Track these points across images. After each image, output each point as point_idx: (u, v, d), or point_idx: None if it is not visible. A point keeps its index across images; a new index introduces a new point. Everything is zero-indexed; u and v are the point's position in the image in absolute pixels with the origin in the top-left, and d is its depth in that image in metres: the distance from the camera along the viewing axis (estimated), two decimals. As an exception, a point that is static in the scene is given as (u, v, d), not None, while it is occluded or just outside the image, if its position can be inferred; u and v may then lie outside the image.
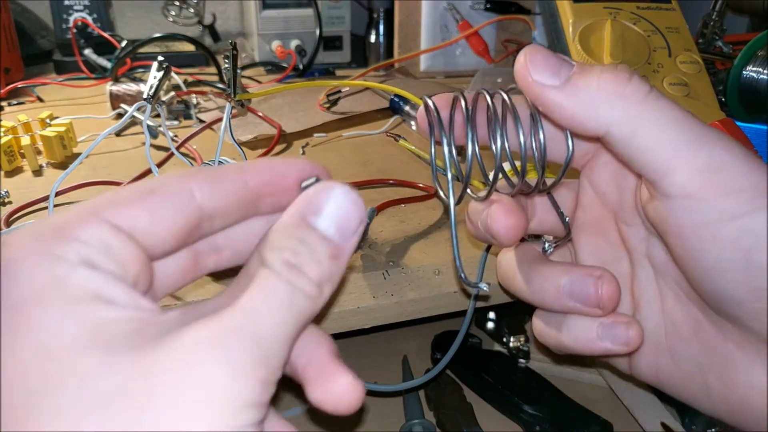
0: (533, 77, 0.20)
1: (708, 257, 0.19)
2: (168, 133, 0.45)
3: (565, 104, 0.20)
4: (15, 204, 0.41)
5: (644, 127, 0.19)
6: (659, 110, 0.19)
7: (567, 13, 0.46)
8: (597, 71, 0.20)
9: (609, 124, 0.19)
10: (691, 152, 0.18)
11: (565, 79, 0.20)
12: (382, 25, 0.91)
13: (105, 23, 0.83)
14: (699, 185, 0.18)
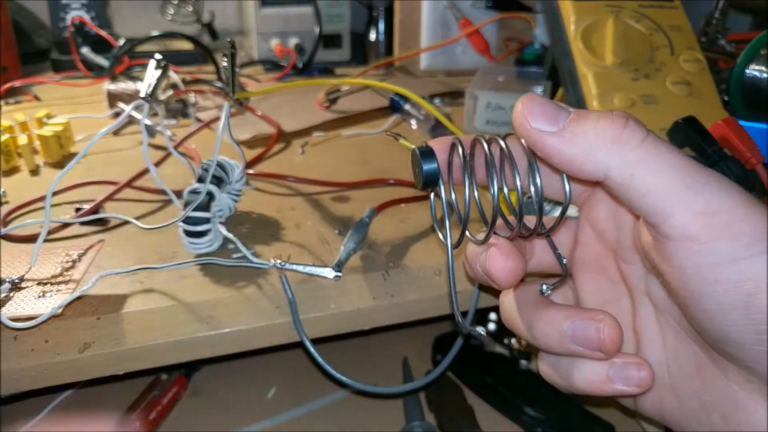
0: (531, 125, 0.20)
1: (709, 300, 0.19)
2: (166, 132, 0.44)
3: (563, 149, 0.20)
4: (12, 203, 0.41)
5: (642, 171, 0.19)
6: (657, 155, 0.19)
7: (568, 11, 0.45)
8: (594, 117, 0.20)
9: (607, 169, 0.19)
10: (690, 196, 0.18)
11: (562, 125, 0.20)
12: (382, 23, 0.91)
13: (103, 21, 0.83)
14: (699, 228, 0.18)
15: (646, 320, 0.24)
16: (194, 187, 0.34)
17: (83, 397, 0.47)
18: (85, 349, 0.28)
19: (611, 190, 0.20)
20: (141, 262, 0.33)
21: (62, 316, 0.29)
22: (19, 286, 0.31)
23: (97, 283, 0.31)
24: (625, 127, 0.19)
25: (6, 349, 0.28)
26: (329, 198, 0.43)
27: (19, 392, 0.28)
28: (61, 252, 0.34)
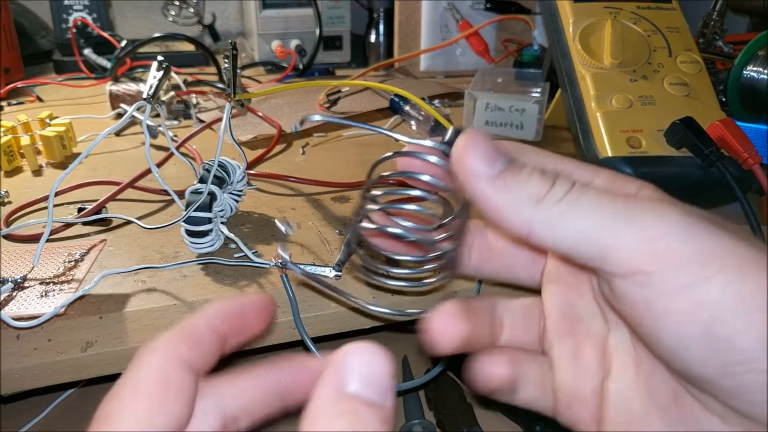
0: (469, 163, 0.20)
1: (666, 335, 0.18)
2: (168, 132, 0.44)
3: (492, 198, 0.20)
4: (15, 204, 0.41)
5: (564, 222, 0.18)
6: (578, 201, 0.18)
7: (567, 12, 0.46)
8: (526, 173, 0.20)
9: (530, 225, 0.19)
10: (622, 227, 0.18)
11: (497, 172, 0.20)
12: (382, 24, 0.91)
13: (105, 23, 0.83)
14: (640, 259, 0.17)
15: (619, 345, 0.22)
16: (196, 187, 0.34)
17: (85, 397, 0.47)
18: (87, 348, 0.29)
19: (541, 247, 0.20)
20: (143, 262, 0.34)
21: (65, 315, 0.29)
22: (21, 285, 0.31)
23: (100, 282, 0.31)
24: (552, 186, 0.19)
25: (8, 348, 0.28)
26: (330, 198, 0.43)
27: (21, 391, 0.29)
28: (63, 252, 0.35)
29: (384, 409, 0.17)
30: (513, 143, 0.23)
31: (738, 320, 0.16)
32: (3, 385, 0.28)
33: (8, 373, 0.28)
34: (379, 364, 0.17)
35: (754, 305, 0.16)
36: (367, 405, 0.16)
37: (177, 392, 0.18)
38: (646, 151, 0.39)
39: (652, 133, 0.40)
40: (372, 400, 0.17)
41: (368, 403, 0.17)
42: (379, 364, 0.17)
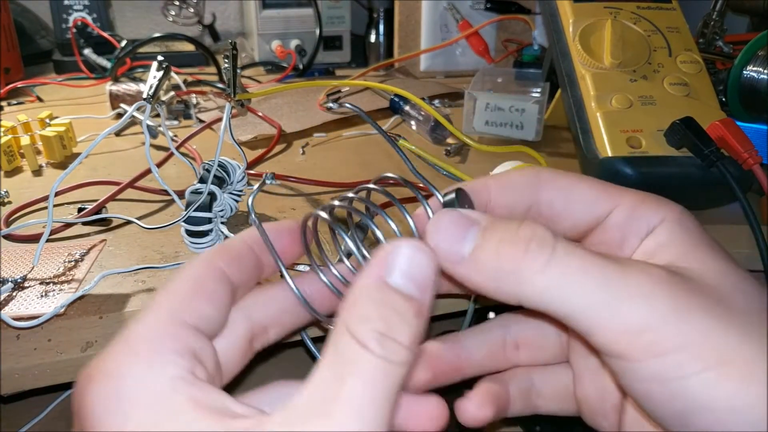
0: (441, 249, 0.19)
1: (648, 408, 0.18)
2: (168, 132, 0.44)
3: (472, 279, 0.19)
4: (15, 204, 0.41)
5: (552, 297, 0.18)
6: (565, 274, 0.17)
7: (567, 12, 0.46)
8: (495, 243, 0.18)
9: (517, 299, 0.19)
10: (610, 313, 0.17)
11: (469, 249, 0.19)
12: (382, 24, 0.91)
13: (105, 23, 0.83)
14: (624, 348, 0.17)
15: None
16: (196, 187, 0.34)
17: (85, 397, 0.47)
18: (87, 348, 0.29)
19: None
20: (143, 262, 0.34)
21: (65, 315, 0.29)
22: (21, 285, 0.31)
23: (100, 282, 0.31)
24: (526, 252, 0.18)
25: (8, 348, 0.28)
26: (330, 198, 0.43)
27: (20, 391, 0.29)
28: (63, 252, 0.35)
29: (420, 304, 0.17)
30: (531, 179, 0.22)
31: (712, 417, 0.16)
32: (3, 385, 0.28)
33: (8, 373, 0.28)
34: (423, 261, 0.18)
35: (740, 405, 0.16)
36: (403, 297, 0.17)
37: (209, 295, 0.19)
38: (646, 151, 0.39)
39: (652, 133, 0.40)
40: (409, 292, 0.17)
41: (406, 295, 0.17)
42: (422, 260, 0.18)
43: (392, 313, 0.16)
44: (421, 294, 0.17)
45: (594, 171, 0.40)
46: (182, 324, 0.18)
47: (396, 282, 0.17)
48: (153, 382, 0.16)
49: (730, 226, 0.39)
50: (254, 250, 0.22)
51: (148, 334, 0.17)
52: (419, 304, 0.17)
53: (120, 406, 0.15)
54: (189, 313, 0.18)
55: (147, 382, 0.16)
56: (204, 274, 0.19)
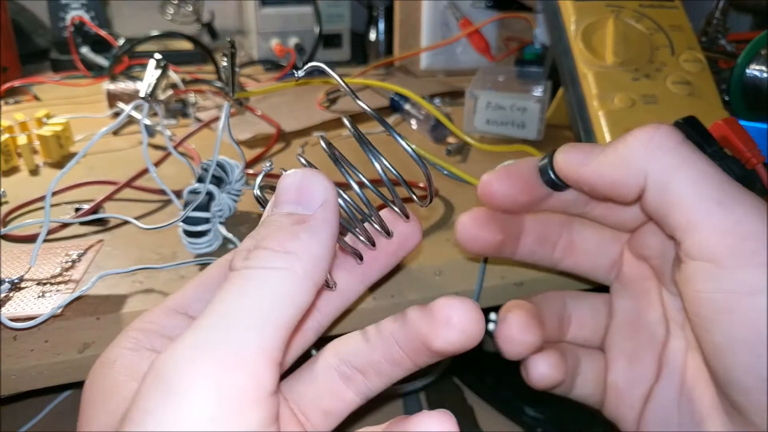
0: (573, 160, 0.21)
1: (719, 330, 0.18)
2: (166, 131, 0.44)
3: (601, 169, 0.20)
4: (12, 204, 0.41)
5: (676, 179, 0.18)
6: (693, 162, 0.18)
7: (569, 11, 0.45)
8: (624, 135, 0.20)
9: (646, 175, 0.19)
10: (721, 212, 0.17)
11: (599, 153, 0.20)
12: (382, 22, 0.91)
13: (102, 21, 0.83)
14: (722, 250, 0.17)
15: (674, 354, 0.23)
16: (194, 187, 0.34)
17: (83, 398, 0.47)
18: (84, 349, 0.28)
19: (647, 203, 0.20)
20: (141, 262, 0.33)
21: (62, 316, 0.29)
22: (18, 286, 0.31)
23: (97, 283, 0.31)
24: (657, 128, 0.19)
25: (5, 349, 0.28)
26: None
27: (18, 392, 0.28)
28: (60, 252, 0.34)
29: (302, 216, 0.17)
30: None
31: None
32: (0, 386, 0.28)
33: (5, 374, 0.28)
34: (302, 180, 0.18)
35: None
36: (278, 215, 0.17)
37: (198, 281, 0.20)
38: (648, 150, 0.39)
39: (654, 132, 0.39)
40: (287, 210, 0.17)
41: (281, 213, 0.17)
42: (301, 179, 0.18)
43: (262, 230, 0.17)
44: (303, 208, 0.17)
45: (596, 170, 0.40)
46: (161, 307, 0.20)
47: (276, 211, 0.18)
48: (107, 355, 0.18)
49: (733, 225, 0.38)
50: None
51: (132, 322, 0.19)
52: (301, 217, 0.17)
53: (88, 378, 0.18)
54: (173, 299, 0.20)
55: (104, 356, 0.18)
56: (208, 268, 0.21)
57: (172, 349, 0.14)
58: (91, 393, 0.18)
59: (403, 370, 0.21)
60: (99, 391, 0.17)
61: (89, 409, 0.17)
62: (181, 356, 0.13)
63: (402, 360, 0.20)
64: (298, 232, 0.16)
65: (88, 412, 0.17)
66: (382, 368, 0.20)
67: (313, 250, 0.16)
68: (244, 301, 0.14)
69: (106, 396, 0.17)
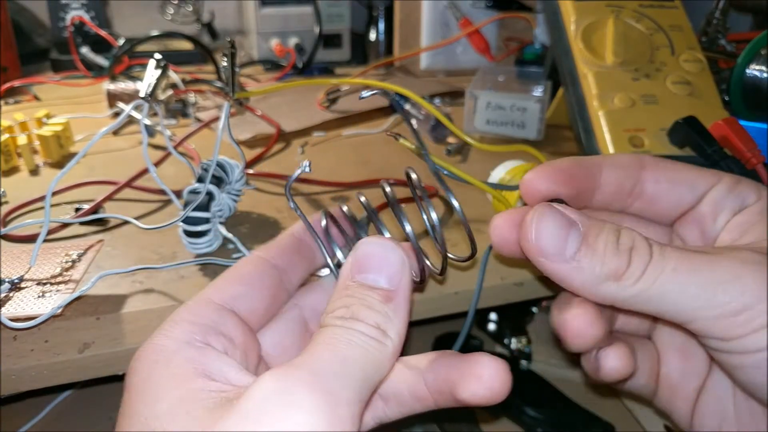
0: (541, 255, 0.20)
1: (748, 383, 0.20)
2: (166, 131, 0.44)
3: (572, 278, 0.20)
4: (12, 204, 0.41)
5: (645, 299, 0.19)
6: (665, 272, 0.19)
7: (569, 11, 0.45)
8: (601, 253, 0.20)
9: (612, 301, 0.20)
10: (704, 304, 0.19)
11: (573, 252, 0.20)
12: (382, 22, 0.91)
13: (102, 21, 0.83)
14: (722, 329, 0.19)
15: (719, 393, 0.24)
16: (194, 187, 0.34)
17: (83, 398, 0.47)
18: (84, 349, 0.28)
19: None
20: (141, 262, 0.33)
21: (62, 316, 0.29)
22: (18, 286, 0.31)
23: (97, 283, 0.31)
24: (629, 265, 0.19)
25: (5, 349, 0.28)
26: (329, 198, 0.43)
27: (18, 392, 0.28)
28: (60, 252, 0.34)
29: (389, 292, 0.18)
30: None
31: None
32: (1, 386, 0.28)
33: (5, 374, 0.28)
34: (386, 252, 0.19)
35: None
36: (367, 288, 0.19)
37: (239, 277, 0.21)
38: (648, 150, 0.39)
39: (654, 133, 0.39)
40: (375, 283, 0.19)
41: (369, 286, 0.19)
42: (384, 251, 0.19)
43: (355, 300, 0.18)
44: (388, 284, 0.19)
45: (596, 170, 0.40)
46: (207, 302, 0.20)
47: (361, 278, 0.19)
48: (162, 346, 0.18)
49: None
50: (302, 240, 0.24)
51: (177, 312, 0.20)
52: (387, 292, 0.18)
53: (134, 364, 0.18)
54: (216, 293, 0.20)
55: (157, 346, 0.18)
56: (242, 263, 0.22)
57: (289, 373, 0.16)
58: (148, 379, 0.18)
59: (423, 406, 0.21)
60: (159, 378, 0.17)
61: (147, 394, 0.17)
62: (298, 380, 0.15)
63: (425, 398, 0.21)
64: (387, 312, 0.18)
65: (146, 397, 0.17)
66: (404, 400, 0.21)
67: (400, 330, 0.18)
68: (352, 353, 0.17)
69: (170, 385, 0.17)
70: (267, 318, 0.22)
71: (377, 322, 0.17)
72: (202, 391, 0.17)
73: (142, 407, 0.17)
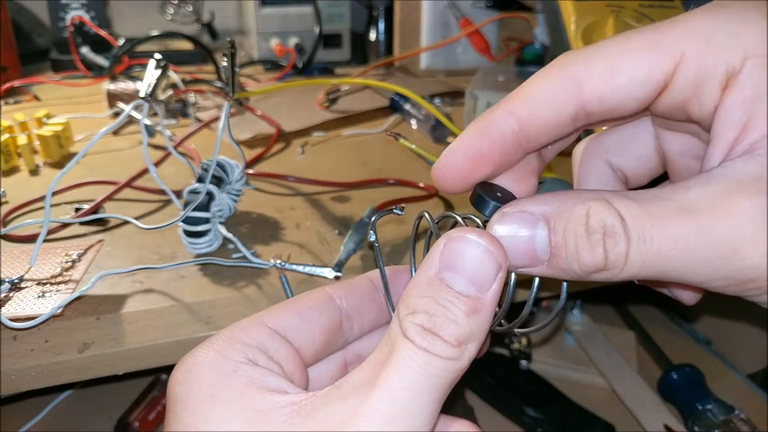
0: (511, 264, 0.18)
1: None
2: (165, 131, 0.44)
3: (557, 276, 0.18)
4: (12, 203, 0.41)
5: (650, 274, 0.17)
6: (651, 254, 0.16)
7: (569, 10, 0.45)
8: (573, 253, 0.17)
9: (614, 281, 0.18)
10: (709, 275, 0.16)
11: (545, 257, 0.17)
12: (382, 22, 0.91)
13: (102, 21, 0.83)
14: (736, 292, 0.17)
15: None
16: (194, 187, 0.34)
17: (83, 397, 0.47)
18: (84, 349, 0.28)
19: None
20: (141, 262, 0.33)
21: (62, 316, 0.29)
22: (18, 286, 0.31)
23: (97, 283, 0.31)
24: (606, 258, 0.17)
25: (5, 349, 0.28)
26: (329, 198, 0.43)
27: (18, 392, 0.28)
28: (60, 252, 0.34)
29: (476, 302, 0.17)
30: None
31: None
32: (1, 386, 0.28)
33: (5, 374, 0.28)
34: (483, 254, 0.17)
35: None
36: (454, 294, 0.17)
37: (297, 309, 0.20)
38: (648, 150, 0.39)
39: (654, 132, 0.39)
40: (463, 290, 0.17)
41: (457, 293, 0.17)
42: (482, 253, 0.17)
43: (439, 309, 0.17)
44: (477, 291, 0.17)
45: (596, 170, 0.40)
46: (260, 325, 0.20)
47: (450, 279, 0.17)
48: (220, 363, 0.18)
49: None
50: (373, 281, 0.22)
51: (229, 330, 0.19)
52: (474, 302, 0.17)
53: (189, 378, 0.18)
54: (270, 319, 0.20)
55: (215, 362, 0.18)
56: (307, 293, 0.21)
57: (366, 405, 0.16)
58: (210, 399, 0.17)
59: None
60: (225, 399, 0.17)
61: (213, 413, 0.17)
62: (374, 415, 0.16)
63: None
64: (471, 325, 0.17)
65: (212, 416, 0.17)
66: None
67: (480, 340, 0.17)
68: (425, 384, 0.16)
69: (239, 403, 0.17)
70: (318, 357, 0.21)
71: (458, 339, 0.16)
72: (273, 410, 0.17)
73: (207, 426, 0.17)
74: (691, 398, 0.43)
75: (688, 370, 0.45)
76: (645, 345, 0.52)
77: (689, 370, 0.45)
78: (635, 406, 0.42)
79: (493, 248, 0.17)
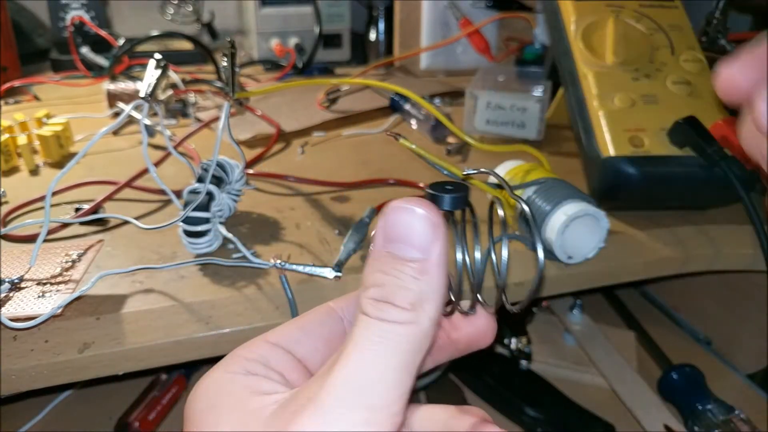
0: None
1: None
2: (165, 131, 0.44)
3: None
4: (12, 204, 0.41)
5: None
6: None
7: (569, 11, 0.45)
8: None
9: None
10: None
11: None
12: (382, 22, 0.91)
13: (102, 21, 0.83)
14: None
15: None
16: (194, 187, 0.34)
17: (83, 397, 0.47)
18: (84, 349, 0.28)
19: None
20: (141, 262, 0.33)
21: (62, 316, 0.29)
22: (18, 286, 0.31)
23: (97, 283, 0.31)
24: None
25: (6, 349, 0.28)
26: (329, 198, 0.43)
27: (18, 392, 0.28)
28: (60, 252, 0.34)
29: (422, 263, 0.18)
30: None
31: None
32: (1, 386, 0.28)
33: (5, 374, 0.28)
34: (415, 219, 0.18)
35: None
36: (399, 261, 0.18)
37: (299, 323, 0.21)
38: (648, 150, 0.39)
39: (655, 132, 0.39)
40: (406, 255, 0.18)
41: (401, 258, 0.18)
42: (414, 218, 0.18)
43: (388, 278, 0.17)
44: (421, 254, 0.18)
45: (596, 170, 0.40)
46: (262, 340, 0.21)
47: (393, 248, 0.18)
48: (222, 378, 0.19)
49: (734, 226, 0.38)
50: None
51: (234, 350, 0.21)
52: (421, 264, 0.18)
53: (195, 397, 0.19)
54: (272, 335, 0.21)
55: (217, 378, 0.19)
56: (308, 311, 0.22)
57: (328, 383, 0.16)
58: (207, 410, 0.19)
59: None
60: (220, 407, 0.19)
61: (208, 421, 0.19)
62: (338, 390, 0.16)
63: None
64: (422, 287, 0.17)
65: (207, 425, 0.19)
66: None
67: (436, 300, 0.18)
68: (385, 351, 0.17)
69: (229, 409, 0.18)
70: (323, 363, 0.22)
71: (411, 302, 0.17)
72: (260, 409, 0.17)
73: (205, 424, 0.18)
74: (691, 398, 0.43)
75: (688, 370, 0.45)
76: (645, 345, 0.52)
77: (689, 370, 0.45)
78: (635, 406, 0.42)
79: (425, 210, 0.18)
